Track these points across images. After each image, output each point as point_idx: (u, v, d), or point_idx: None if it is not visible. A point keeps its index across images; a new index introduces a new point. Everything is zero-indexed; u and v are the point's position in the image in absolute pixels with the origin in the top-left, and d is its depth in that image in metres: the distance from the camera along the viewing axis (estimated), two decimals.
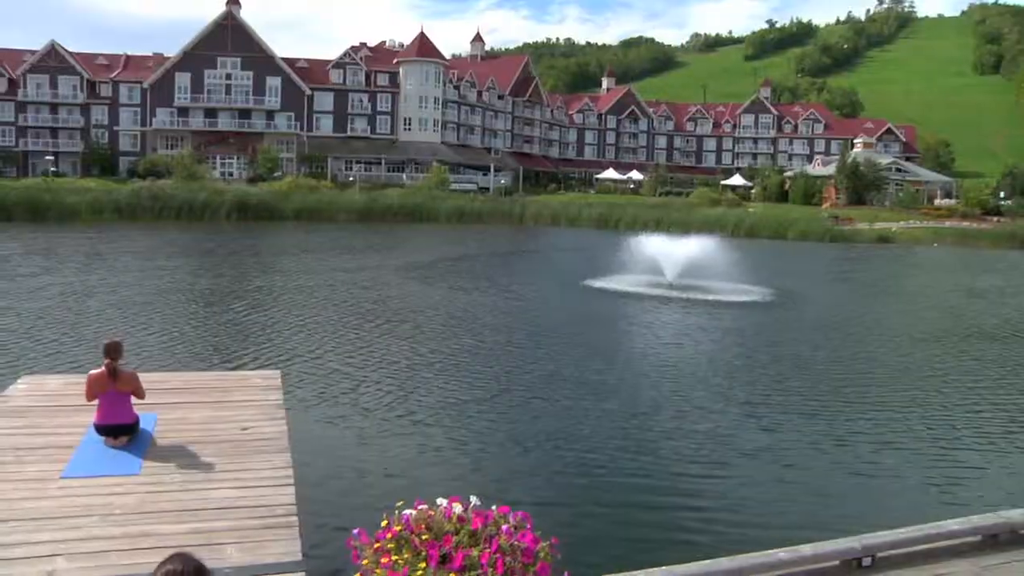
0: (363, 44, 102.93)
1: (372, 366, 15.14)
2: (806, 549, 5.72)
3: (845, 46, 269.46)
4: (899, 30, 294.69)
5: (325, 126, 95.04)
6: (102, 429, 7.81)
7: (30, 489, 6.56)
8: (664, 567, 5.35)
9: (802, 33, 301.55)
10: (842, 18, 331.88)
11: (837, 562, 5.69)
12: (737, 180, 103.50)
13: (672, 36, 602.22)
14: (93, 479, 6.85)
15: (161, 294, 22.94)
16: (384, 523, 4.29)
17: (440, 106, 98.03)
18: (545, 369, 15.26)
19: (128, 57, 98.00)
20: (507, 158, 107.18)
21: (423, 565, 3.96)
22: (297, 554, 5.58)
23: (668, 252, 29.90)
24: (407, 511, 4.30)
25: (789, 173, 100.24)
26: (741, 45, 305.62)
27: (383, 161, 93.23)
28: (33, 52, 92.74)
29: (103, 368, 7.89)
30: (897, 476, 10.06)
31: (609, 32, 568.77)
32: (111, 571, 5.18)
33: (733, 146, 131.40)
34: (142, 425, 8.08)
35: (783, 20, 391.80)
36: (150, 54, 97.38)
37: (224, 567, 4.88)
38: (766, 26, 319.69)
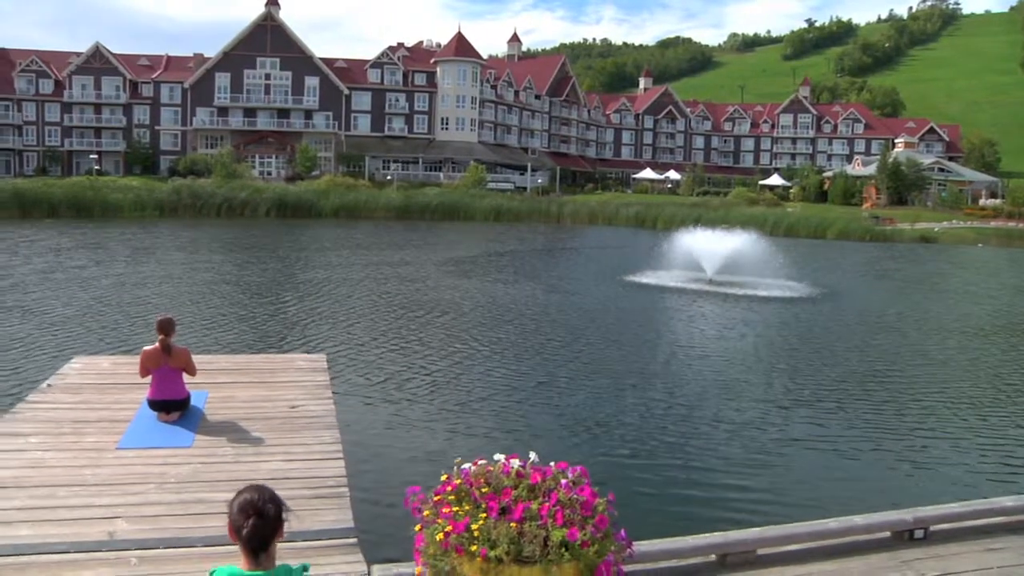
0: (400, 44, 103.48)
1: (416, 352, 15.33)
2: (857, 519, 5.68)
3: (886, 44, 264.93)
4: (943, 27, 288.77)
5: (363, 125, 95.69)
6: (155, 404, 7.98)
7: (88, 458, 6.73)
8: (717, 533, 5.34)
9: (842, 32, 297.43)
10: (883, 16, 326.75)
11: (888, 533, 5.64)
12: (775, 180, 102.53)
13: (709, 36, 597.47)
14: (147, 450, 7.01)
15: (209, 284, 23.47)
16: (444, 477, 4.32)
17: (477, 105, 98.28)
18: (588, 357, 15.33)
19: (169, 58, 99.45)
20: (544, 158, 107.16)
21: (483, 516, 3.97)
22: (349, 521, 5.67)
23: (707, 248, 29.75)
24: (466, 465, 4.33)
25: (828, 173, 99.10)
26: (779, 45, 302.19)
27: (420, 160, 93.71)
28: (78, 54, 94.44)
29: (157, 344, 8.05)
30: (947, 463, 9.93)
31: (646, 32, 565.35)
32: (167, 534, 5.31)
33: (771, 146, 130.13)
34: (193, 402, 8.25)
35: (822, 19, 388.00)
36: (191, 55, 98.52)
37: None
38: (805, 25, 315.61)
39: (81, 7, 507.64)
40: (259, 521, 2.94)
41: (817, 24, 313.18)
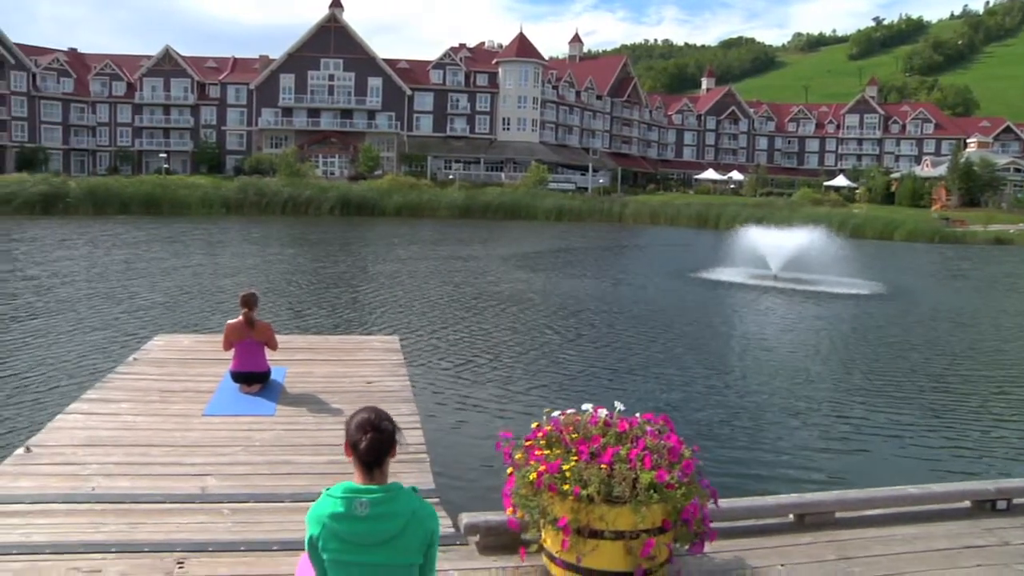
0: (462, 45, 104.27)
1: (487, 338, 15.70)
2: (936, 487, 5.69)
3: (960, 42, 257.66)
4: (1023, 23, 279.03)
5: (425, 126, 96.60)
6: (237, 376, 8.30)
7: (176, 423, 7.07)
8: (795, 494, 5.41)
9: (912, 30, 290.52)
10: (956, 12, 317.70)
11: (968, 503, 5.64)
12: (841, 181, 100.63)
13: (773, 36, 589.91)
14: (232, 417, 7.33)
15: (285, 275, 24.38)
16: (534, 425, 4.49)
17: (539, 106, 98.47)
18: (659, 347, 15.48)
19: (236, 60, 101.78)
20: (605, 158, 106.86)
21: (574, 459, 4.13)
22: (431, 484, 5.87)
23: (772, 245, 29.49)
24: (555, 413, 4.50)
25: (896, 174, 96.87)
26: (845, 44, 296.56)
27: (482, 160, 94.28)
28: (149, 57, 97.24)
29: (240, 317, 8.37)
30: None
31: (708, 33, 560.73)
32: (255, 490, 5.57)
33: (836, 147, 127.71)
34: (273, 376, 8.54)
35: (891, 17, 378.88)
36: (256, 57, 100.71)
37: None
38: (872, 24, 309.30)
39: (152, 13, 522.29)
40: (376, 435, 3.12)
41: (885, 22, 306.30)
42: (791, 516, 5.30)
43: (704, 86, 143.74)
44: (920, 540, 5.06)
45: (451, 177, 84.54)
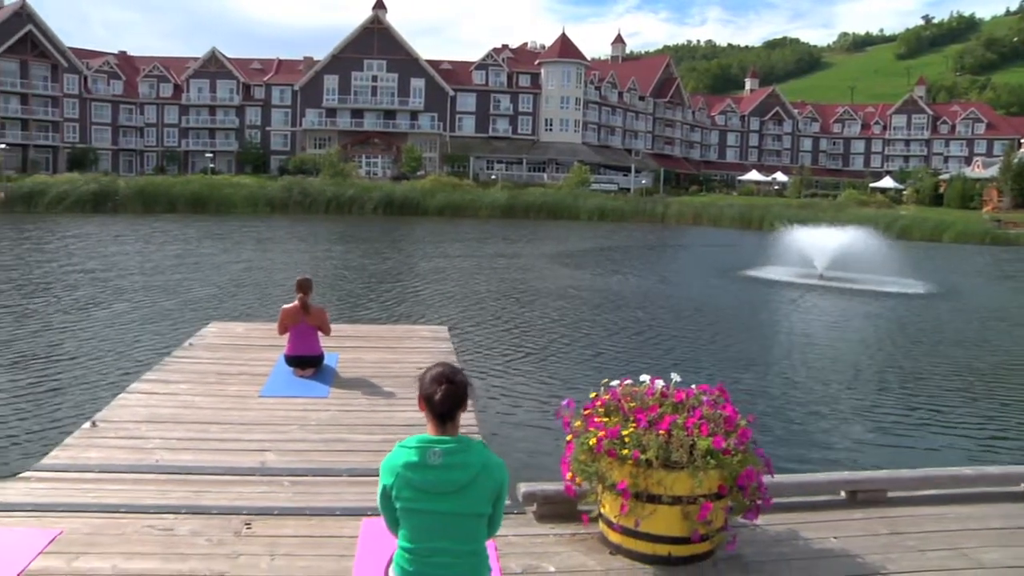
0: (505, 46, 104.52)
1: (535, 329, 15.95)
2: (991, 469, 5.68)
3: (1015, 39, 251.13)
4: None
5: (467, 126, 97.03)
6: (291, 360, 8.50)
7: (233, 403, 7.30)
8: (847, 471, 5.43)
9: (963, 28, 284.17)
10: (1012, 8, 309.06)
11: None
12: (887, 183, 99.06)
13: (818, 36, 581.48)
14: (287, 398, 7.54)
15: (334, 269, 24.97)
16: (593, 395, 4.60)
17: (581, 107, 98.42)
18: (706, 338, 15.58)
19: (280, 61, 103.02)
20: (648, 159, 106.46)
21: (632, 426, 4.23)
22: None
23: (817, 244, 29.24)
24: (614, 383, 4.60)
25: (944, 176, 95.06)
26: (893, 43, 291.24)
27: (524, 161, 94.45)
28: (196, 59, 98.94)
29: (296, 302, 8.57)
30: None
31: (752, 33, 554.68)
32: (312, 465, 5.75)
33: (883, 148, 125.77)
34: (325, 361, 8.73)
35: (941, 15, 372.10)
36: (300, 58, 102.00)
37: None
38: (921, 22, 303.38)
39: (199, 16, 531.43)
40: (451, 387, 3.25)
41: (935, 20, 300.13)
42: (842, 493, 5.34)
43: (747, 87, 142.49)
44: (974, 520, 5.06)
45: (493, 178, 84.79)
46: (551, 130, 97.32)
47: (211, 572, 4.09)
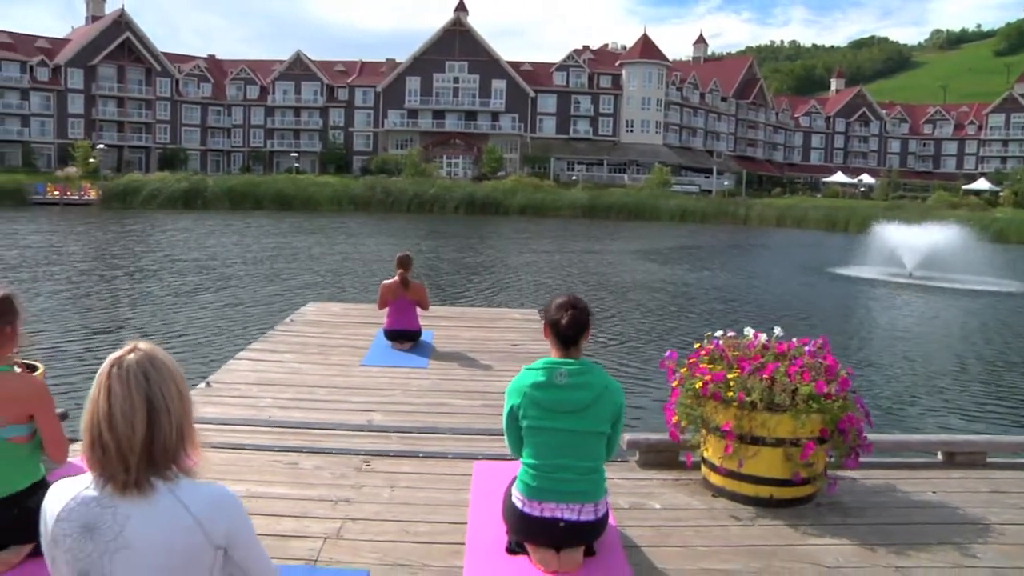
0: (586, 47, 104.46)
1: (626, 315, 16.42)
2: None
3: None
4: None
5: (548, 127, 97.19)
6: (390, 334, 8.81)
7: (337, 370, 7.66)
8: (944, 434, 5.46)
9: None
10: None
11: None
12: (982, 184, 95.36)
13: (908, 35, 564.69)
14: (388, 368, 7.86)
15: (428, 262, 25.81)
16: (697, 345, 4.78)
17: (662, 108, 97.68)
18: (799, 329, 15.42)
19: (363, 63, 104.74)
20: (729, 161, 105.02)
21: (736, 372, 4.40)
22: None
23: (907, 243, 28.67)
24: (717, 334, 4.78)
25: None
26: (991, 40, 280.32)
27: (605, 162, 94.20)
28: (281, 62, 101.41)
29: (396, 278, 8.88)
30: None
31: (837, 33, 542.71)
32: (415, 423, 6.01)
33: (977, 149, 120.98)
34: (423, 337, 9.03)
35: None
36: (383, 60, 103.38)
37: None
38: None
39: (283, 22, 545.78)
40: (576, 312, 3.51)
41: None
42: (939, 455, 5.38)
43: (833, 87, 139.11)
44: None
45: (574, 179, 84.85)
46: (632, 131, 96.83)
47: (337, 498, 4.41)
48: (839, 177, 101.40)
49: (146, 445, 2.00)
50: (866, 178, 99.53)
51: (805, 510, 4.43)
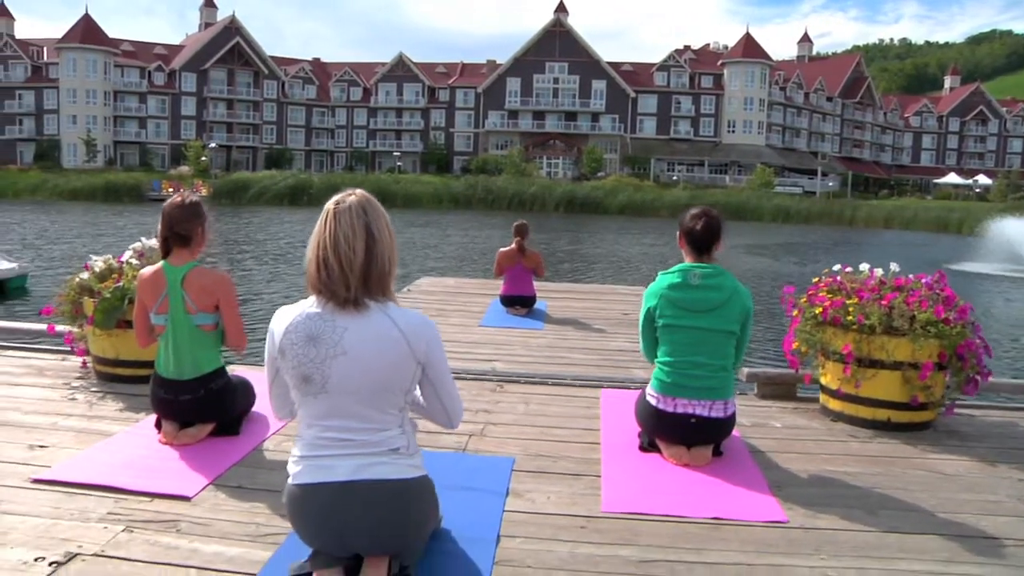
0: (687, 47, 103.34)
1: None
2: None
3: None
4: None
5: (648, 128, 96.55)
6: (506, 300, 9.22)
7: (458, 329, 8.07)
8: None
9: None
10: None
11: None
12: None
13: None
14: (505, 328, 8.26)
15: (546, 254, 26.72)
16: (816, 279, 5.02)
17: (765, 108, 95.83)
18: None
19: (464, 65, 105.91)
20: (834, 163, 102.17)
21: (855, 300, 4.61)
22: None
23: None
24: (835, 267, 5.01)
25: None
26: None
27: (705, 163, 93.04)
28: (384, 64, 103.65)
29: (513, 245, 9.29)
30: None
31: (953, 29, 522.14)
32: (537, 370, 6.32)
33: None
34: (536, 305, 9.42)
35: None
36: (483, 62, 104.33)
37: (631, 378, 5.88)
38: None
39: (385, 26, 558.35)
40: (709, 219, 3.83)
41: None
42: None
43: (947, 85, 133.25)
44: None
45: (675, 179, 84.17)
46: (733, 132, 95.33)
47: (477, 408, 4.82)
48: (952, 178, 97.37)
49: (364, 268, 2.45)
50: (982, 179, 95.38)
51: (923, 434, 4.60)
